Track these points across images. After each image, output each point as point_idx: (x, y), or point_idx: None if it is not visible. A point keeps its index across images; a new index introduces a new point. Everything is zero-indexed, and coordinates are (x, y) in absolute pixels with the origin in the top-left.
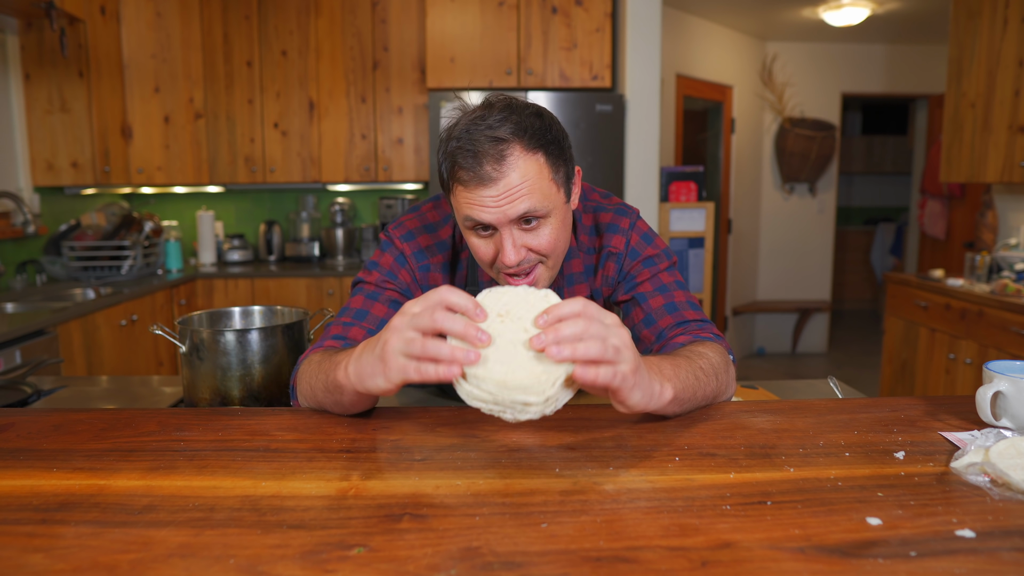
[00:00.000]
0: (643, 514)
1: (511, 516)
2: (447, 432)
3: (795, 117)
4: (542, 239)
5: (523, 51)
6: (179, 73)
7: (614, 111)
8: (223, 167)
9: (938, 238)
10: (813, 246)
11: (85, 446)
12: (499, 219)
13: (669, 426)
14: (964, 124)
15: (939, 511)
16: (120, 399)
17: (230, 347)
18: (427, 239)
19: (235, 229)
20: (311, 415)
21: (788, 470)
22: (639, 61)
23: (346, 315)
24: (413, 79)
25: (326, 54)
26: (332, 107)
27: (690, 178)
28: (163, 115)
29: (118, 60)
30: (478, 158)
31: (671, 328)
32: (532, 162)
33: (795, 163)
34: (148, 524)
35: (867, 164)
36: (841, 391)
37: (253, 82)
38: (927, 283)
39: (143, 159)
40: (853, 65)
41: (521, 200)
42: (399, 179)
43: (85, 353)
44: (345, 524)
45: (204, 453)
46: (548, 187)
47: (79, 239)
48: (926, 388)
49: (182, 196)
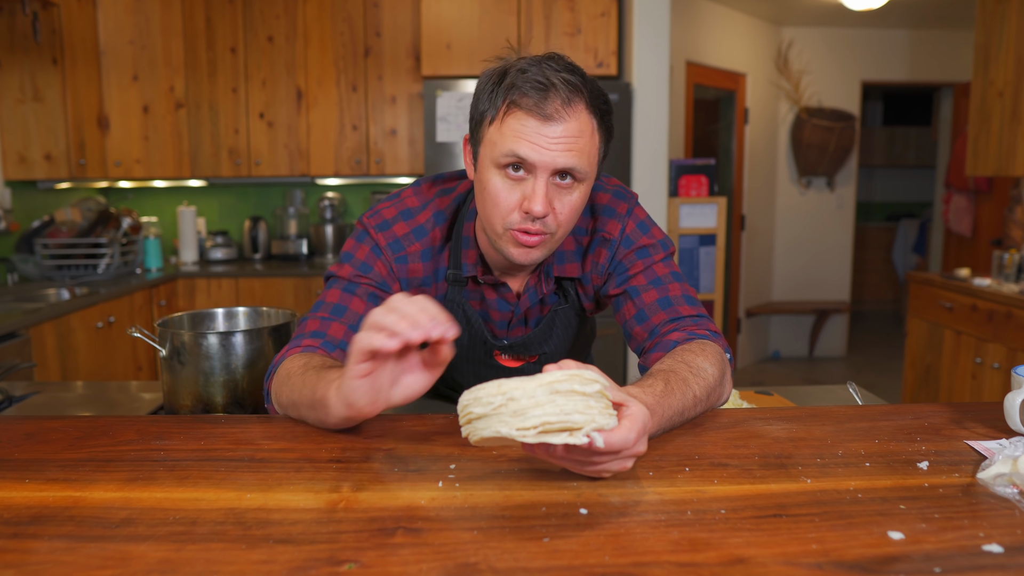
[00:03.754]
0: (651, 528)
1: (511, 530)
2: (443, 441)
3: (812, 107)
4: (567, 205)
5: (523, 37)
6: (159, 60)
7: (620, 100)
8: (206, 160)
9: (964, 235)
10: (831, 244)
11: (59, 456)
12: (545, 162)
13: (679, 435)
14: (992, 114)
15: (965, 525)
16: (96, 406)
17: (213, 351)
18: (403, 227)
19: (218, 226)
20: (299, 423)
21: (805, 481)
22: (647, 47)
23: (323, 310)
24: (407, 66)
25: (315, 40)
26: (321, 96)
27: (701, 171)
28: (142, 105)
29: (94, 46)
30: (547, 92)
31: (664, 324)
32: (590, 122)
33: (812, 156)
34: (126, 539)
35: (889, 157)
36: (861, 397)
37: (237, 70)
38: (952, 283)
39: (121, 151)
40: (874, 51)
41: (573, 153)
42: (392, 172)
43: (59, 357)
44: (335, 538)
45: (185, 463)
46: (593, 154)
47: (53, 236)
48: (951, 394)
49: (162, 191)
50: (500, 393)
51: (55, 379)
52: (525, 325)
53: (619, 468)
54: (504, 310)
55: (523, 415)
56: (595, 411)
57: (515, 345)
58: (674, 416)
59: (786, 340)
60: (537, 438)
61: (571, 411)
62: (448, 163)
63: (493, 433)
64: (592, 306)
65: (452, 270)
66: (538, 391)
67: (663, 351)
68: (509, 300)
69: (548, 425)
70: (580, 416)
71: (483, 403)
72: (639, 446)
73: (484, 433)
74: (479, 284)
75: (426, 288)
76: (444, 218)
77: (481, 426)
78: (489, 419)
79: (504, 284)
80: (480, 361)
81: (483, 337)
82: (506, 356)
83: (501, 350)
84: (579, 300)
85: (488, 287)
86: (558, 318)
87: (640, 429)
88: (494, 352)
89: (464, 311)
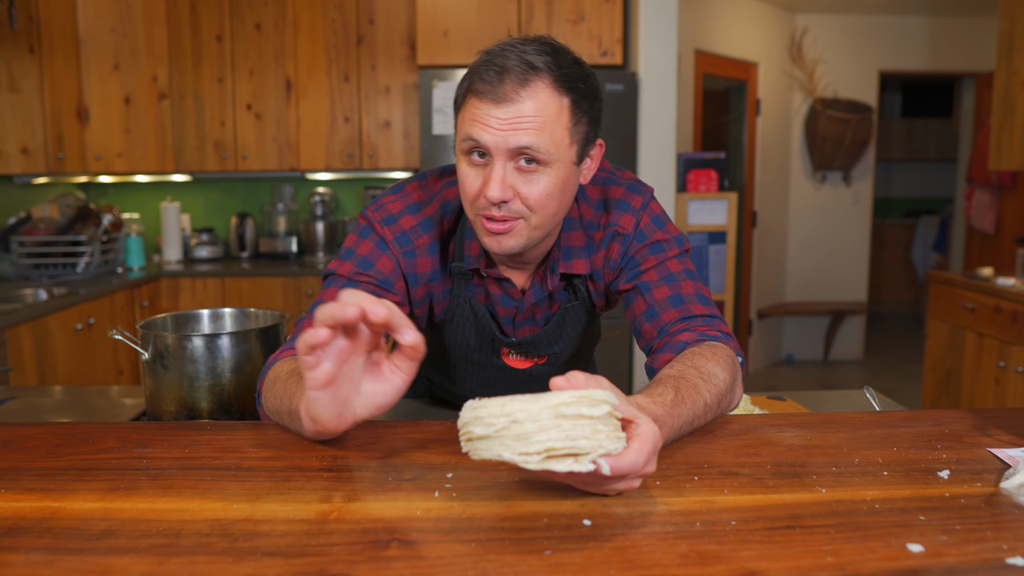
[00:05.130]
0: (658, 540)
1: (511, 542)
2: (440, 449)
3: (827, 98)
4: (534, 188)
5: (524, 24)
6: (141, 49)
7: (626, 91)
8: (190, 153)
9: (987, 232)
10: (847, 241)
11: (36, 464)
12: (497, 144)
13: (687, 443)
14: (1016, 105)
15: (988, 536)
16: (75, 412)
17: (198, 354)
18: (410, 220)
19: (203, 222)
20: (287, 430)
21: (820, 491)
22: (654, 35)
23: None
24: (402, 55)
25: (305, 27)
26: (312, 86)
27: (710, 165)
28: (123, 95)
29: (73, 34)
30: (501, 75)
31: (675, 323)
32: (555, 101)
33: (827, 149)
34: (107, 551)
35: (908, 150)
36: (878, 403)
37: (224, 59)
38: (974, 282)
39: (101, 144)
40: (892, 39)
41: (527, 132)
42: (386, 166)
43: (36, 360)
44: (326, 551)
45: (169, 472)
46: (561, 134)
47: (30, 233)
48: (973, 400)
49: (144, 186)
50: (503, 415)
51: (32, 384)
52: (534, 323)
53: (626, 487)
54: (508, 305)
55: (527, 439)
56: (602, 435)
57: (524, 344)
58: (684, 426)
59: (800, 343)
60: (541, 465)
61: (577, 436)
62: (445, 156)
63: (494, 456)
64: (602, 303)
65: (455, 262)
66: (543, 414)
67: (672, 352)
68: (513, 295)
69: (553, 451)
70: (587, 442)
71: (485, 423)
72: (648, 467)
73: (484, 455)
74: (483, 278)
75: (434, 283)
76: (452, 209)
77: (482, 447)
78: (491, 441)
79: (508, 279)
80: (486, 363)
81: (491, 333)
82: (514, 356)
83: (509, 348)
84: (589, 297)
85: (492, 281)
86: (568, 316)
87: (650, 451)
88: (502, 351)
89: (471, 305)
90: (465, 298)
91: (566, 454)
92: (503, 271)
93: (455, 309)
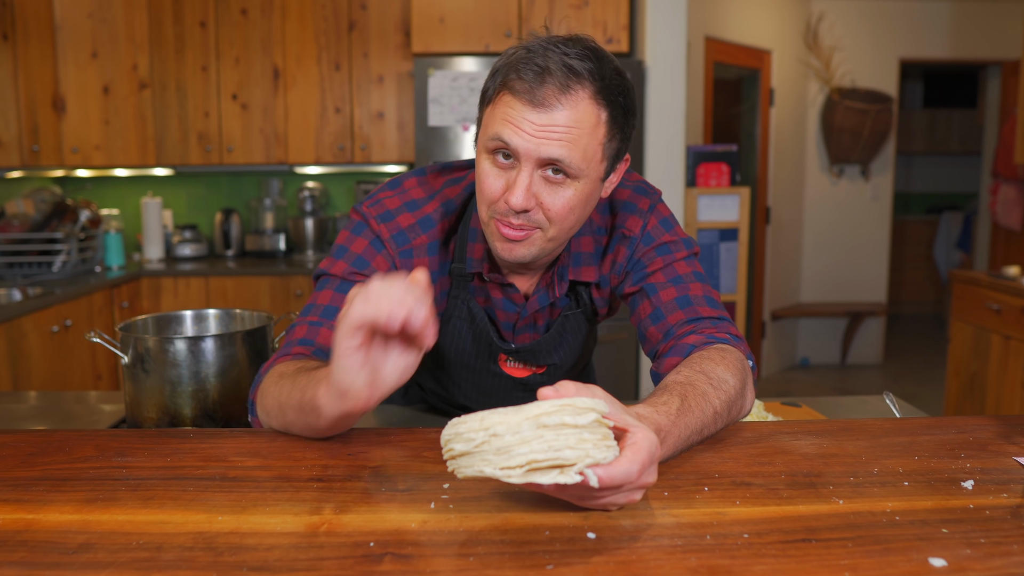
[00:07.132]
0: (666, 554)
1: (511, 556)
2: (436, 458)
3: (845, 87)
4: (557, 201)
5: (525, 9)
6: (121, 36)
7: (632, 80)
8: (172, 146)
9: (1013, 229)
10: (866, 239)
11: (10, 474)
12: (528, 151)
13: (697, 451)
14: None
15: (1014, 550)
16: (52, 418)
17: (180, 358)
18: (408, 218)
19: (186, 219)
20: (276, 437)
21: (837, 502)
22: (662, 21)
23: (312, 313)
24: (396, 43)
25: (293, 13)
26: (300, 75)
27: (722, 159)
28: (102, 85)
29: (49, 20)
30: (542, 76)
31: (681, 325)
32: (593, 114)
33: (845, 141)
34: (84, 566)
35: (929, 142)
36: (899, 409)
37: (208, 46)
38: (1000, 282)
39: (78, 136)
40: (913, 26)
41: (560, 144)
42: (379, 160)
43: (10, 364)
44: (316, 565)
45: (150, 482)
46: (594, 150)
47: (3, 231)
48: (999, 406)
49: (124, 180)
50: (482, 429)
51: (5, 389)
52: (535, 329)
53: (626, 501)
54: (510, 311)
55: (508, 453)
56: (589, 444)
57: (523, 351)
58: (692, 436)
59: (816, 346)
60: (524, 478)
61: (561, 447)
62: (441, 149)
63: (476, 472)
64: (606, 310)
65: (456, 264)
66: (523, 425)
67: (679, 356)
68: (516, 301)
69: (536, 463)
70: (571, 452)
71: (465, 439)
72: (646, 477)
73: (468, 472)
74: (484, 281)
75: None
76: (454, 208)
77: (464, 464)
78: (472, 457)
79: (511, 284)
80: (482, 369)
81: (488, 339)
82: (512, 364)
83: (508, 355)
84: (592, 304)
85: (494, 285)
86: (568, 323)
87: (645, 460)
88: (499, 358)
89: (469, 308)
90: (463, 300)
91: (550, 466)
92: (507, 275)
93: (452, 311)
